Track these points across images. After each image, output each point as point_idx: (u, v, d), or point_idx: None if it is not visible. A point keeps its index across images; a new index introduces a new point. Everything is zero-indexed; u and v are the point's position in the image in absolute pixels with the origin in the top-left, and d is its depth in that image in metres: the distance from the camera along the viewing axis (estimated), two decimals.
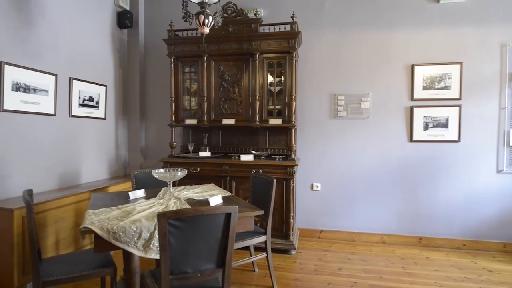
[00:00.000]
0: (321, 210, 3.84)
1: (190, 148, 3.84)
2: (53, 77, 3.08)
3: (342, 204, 3.79)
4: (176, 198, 2.24)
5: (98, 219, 1.74)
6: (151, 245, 1.68)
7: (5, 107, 2.62)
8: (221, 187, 3.26)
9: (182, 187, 2.71)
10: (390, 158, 3.66)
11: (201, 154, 3.64)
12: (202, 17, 2.35)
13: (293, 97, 3.38)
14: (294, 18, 3.32)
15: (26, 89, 2.81)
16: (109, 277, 2.01)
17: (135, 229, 1.66)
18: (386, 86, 3.66)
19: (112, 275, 1.96)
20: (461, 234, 3.52)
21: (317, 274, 2.87)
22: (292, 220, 3.29)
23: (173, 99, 3.69)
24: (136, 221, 1.73)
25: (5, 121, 2.64)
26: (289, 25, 3.38)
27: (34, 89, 2.88)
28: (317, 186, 3.85)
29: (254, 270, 2.93)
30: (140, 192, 2.37)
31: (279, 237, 3.31)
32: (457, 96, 3.48)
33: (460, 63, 3.46)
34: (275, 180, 2.57)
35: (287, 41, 3.34)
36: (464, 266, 3.09)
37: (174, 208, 1.98)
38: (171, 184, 2.29)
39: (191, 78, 3.77)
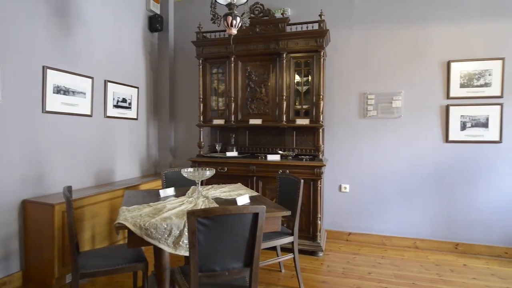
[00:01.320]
0: (350, 212, 3.75)
1: (218, 148, 3.90)
2: (90, 80, 3.25)
3: (372, 206, 3.67)
4: (204, 197, 2.28)
5: (131, 216, 1.81)
6: (180, 242, 1.72)
7: (47, 109, 2.80)
8: (248, 187, 3.27)
9: (210, 186, 2.76)
10: (424, 159, 3.50)
11: (228, 154, 3.68)
12: (230, 18, 2.37)
13: (321, 96, 3.32)
14: (322, 16, 3.27)
15: (66, 91, 2.98)
16: (141, 272, 2.09)
17: (165, 226, 1.71)
18: (419, 84, 3.50)
19: (144, 270, 2.03)
20: (502, 241, 3.29)
21: (345, 278, 2.81)
22: (319, 222, 3.24)
23: (201, 99, 3.76)
24: (167, 218, 1.78)
25: (48, 122, 2.83)
26: (316, 24, 3.33)
27: (73, 92, 3.06)
28: (345, 187, 3.76)
29: (280, 271, 2.91)
30: (170, 191, 2.44)
31: (306, 238, 3.27)
32: (499, 94, 3.26)
33: (502, 59, 3.23)
34: (302, 181, 2.54)
35: (315, 40, 3.29)
36: (506, 275, 2.88)
37: (202, 207, 2.02)
38: (199, 183, 2.34)
39: (219, 79, 3.82)
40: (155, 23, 4.19)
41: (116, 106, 3.66)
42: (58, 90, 2.90)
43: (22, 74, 2.60)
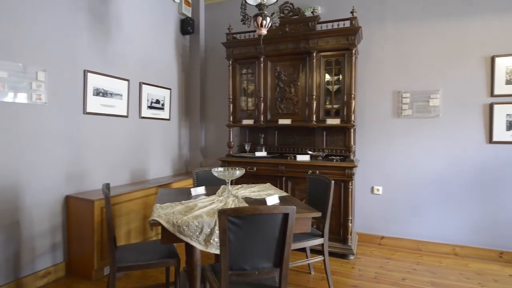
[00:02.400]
0: (383, 215, 3.61)
1: (247, 148, 3.93)
2: (126, 82, 3.40)
3: (407, 209, 3.52)
4: (234, 196, 2.30)
5: (164, 213, 1.87)
6: (211, 240, 1.75)
7: (88, 110, 2.97)
8: (277, 187, 3.26)
9: (239, 185, 2.78)
10: (464, 160, 3.29)
11: (257, 154, 3.69)
12: (260, 18, 2.38)
13: (352, 95, 3.23)
14: (354, 13, 3.18)
15: (104, 93, 3.15)
16: (173, 268, 2.15)
17: (197, 224, 1.75)
18: (459, 82, 3.30)
19: (176, 266, 2.09)
20: None
21: (377, 283, 2.71)
22: (350, 224, 3.16)
23: (231, 100, 3.81)
24: (198, 216, 1.82)
25: (88, 122, 3.00)
26: (348, 21, 3.25)
27: (111, 94, 3.22)
28: (378, 190, 3.63)
29: (310, 273, 2.87)
30: (201, 189, 2.49)
31: (336, 241, 3.20)
32: None
33: None
34: (333, 182, 2.49)
35: (346, 37, 3.21)
36: None
37: (232, 206, 2.04)
38: (229, 182, 2.37)
39: (248, 79, 3.85)
40: (186, 26, 4.30)
41: (150, 107, 3.80)
42: (97, 92, 3.06)
43: (65, 78, 2.78)
